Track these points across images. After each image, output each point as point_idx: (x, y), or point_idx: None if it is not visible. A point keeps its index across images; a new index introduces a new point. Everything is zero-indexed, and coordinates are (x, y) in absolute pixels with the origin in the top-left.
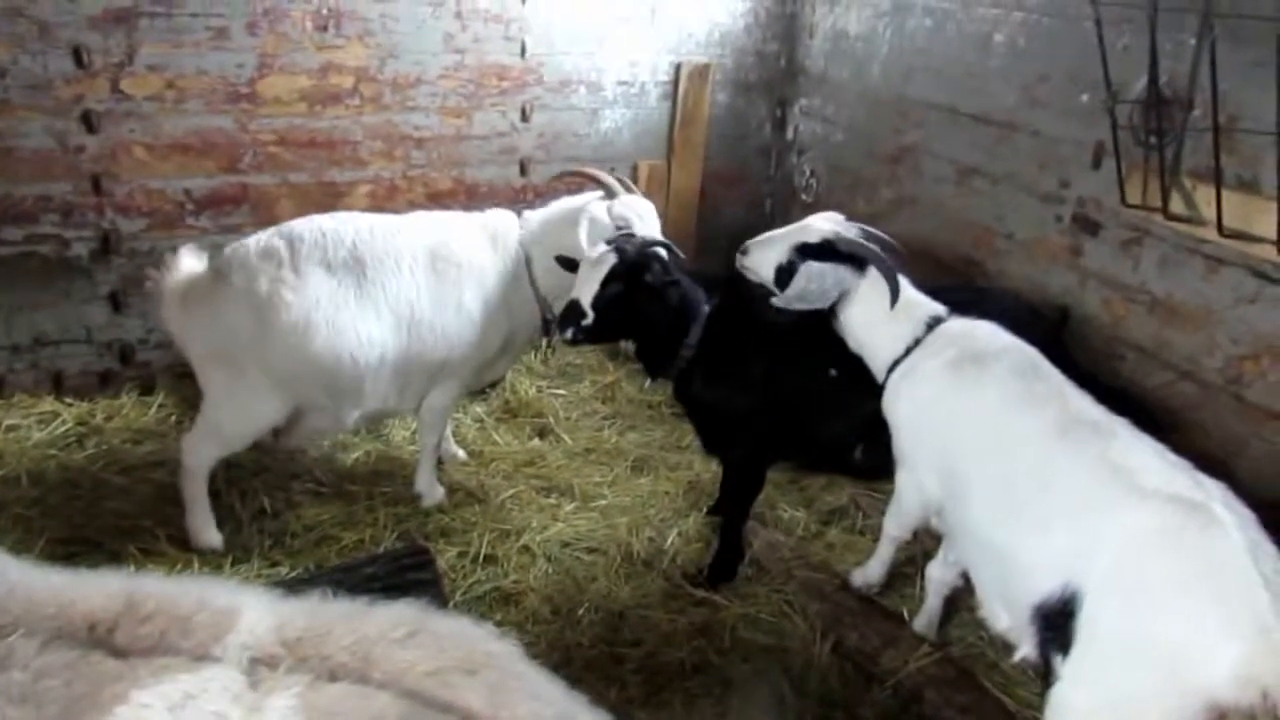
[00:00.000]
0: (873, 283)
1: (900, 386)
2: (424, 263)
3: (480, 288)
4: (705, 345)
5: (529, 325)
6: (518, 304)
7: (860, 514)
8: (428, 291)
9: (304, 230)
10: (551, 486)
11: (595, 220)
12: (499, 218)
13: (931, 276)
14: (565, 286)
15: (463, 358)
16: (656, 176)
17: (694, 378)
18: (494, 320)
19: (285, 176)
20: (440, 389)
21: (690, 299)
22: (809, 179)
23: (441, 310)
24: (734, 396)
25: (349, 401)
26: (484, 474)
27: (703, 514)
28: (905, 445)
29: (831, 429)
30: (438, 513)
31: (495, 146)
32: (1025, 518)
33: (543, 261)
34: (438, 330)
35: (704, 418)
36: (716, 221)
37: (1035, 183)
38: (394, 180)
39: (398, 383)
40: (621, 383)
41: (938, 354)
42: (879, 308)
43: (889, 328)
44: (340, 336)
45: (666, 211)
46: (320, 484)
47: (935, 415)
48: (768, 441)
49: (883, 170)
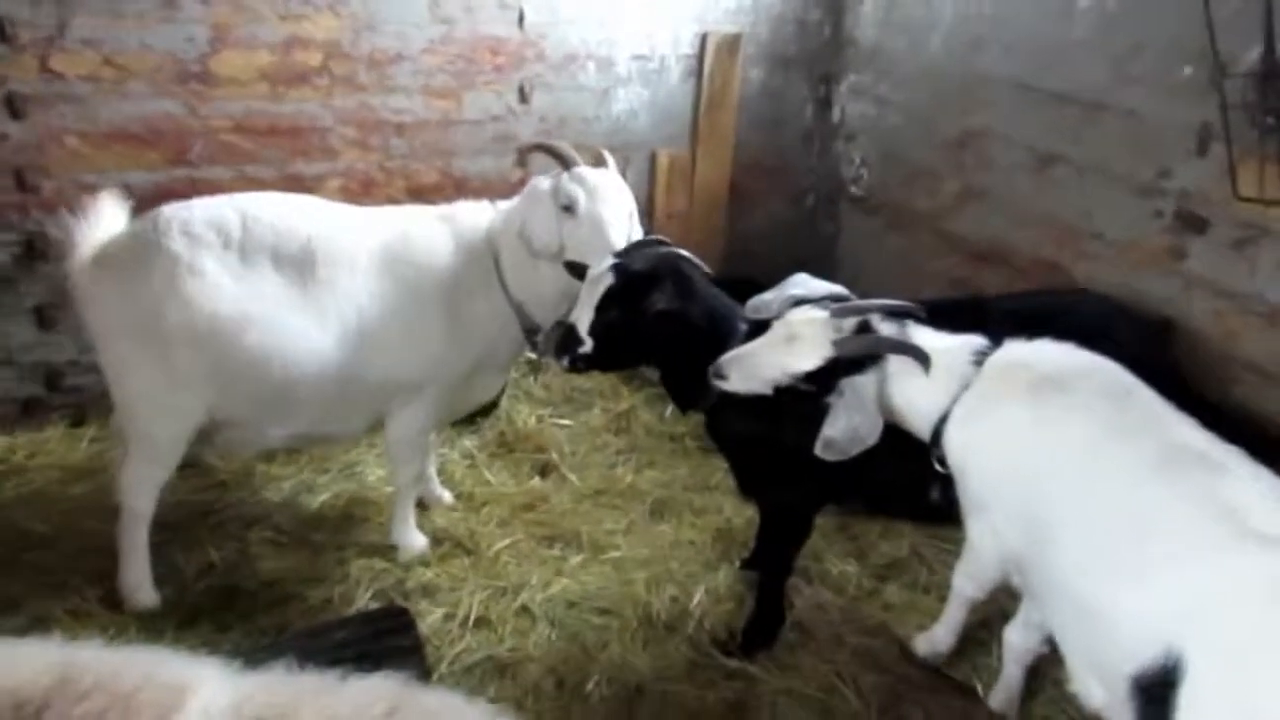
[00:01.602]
0: (896, 362)
1: (962, 433)
2: (376, 263)
3: (442, 293)
4: None
5: (508, 339)
6: (489, 312)
7: (924, 568)
8: (379, 297)
9: (262, 211)
10: (555, 535)
11: (535, 195)
12: (466, 210)
13: (1006, 284)
14: (551, 289)
15: (423, 377)
16: (679, 168)
17: (728, 407)
18: (461, 333)
19: (242, 169)
20: (403, 416)
21: (720, 316)
22: (858, 169)
23: (394, 319)
24: (777, 429)
25: (274, 415)
26: (474, 520)
27: (736, 568)
28: (977, 491)
29: (901, 464)
30: (419, 566)
31: (489, 133)
32: (1120, 569)
33: (512, 259)
34: (390, 343)
35: (740, 454)
36: (750, 221)
37: (1130, 172)
38: (370, 173)
39: (339, 402)
40: (638, 410)
41: (1004, 385)
42: (911, 381)
43: (929, 388)
44: (275, 338)
45: (691, 209)
46: (280, 532)
47: (1011, 453)
48: (818, 481)
49: (946, 158)
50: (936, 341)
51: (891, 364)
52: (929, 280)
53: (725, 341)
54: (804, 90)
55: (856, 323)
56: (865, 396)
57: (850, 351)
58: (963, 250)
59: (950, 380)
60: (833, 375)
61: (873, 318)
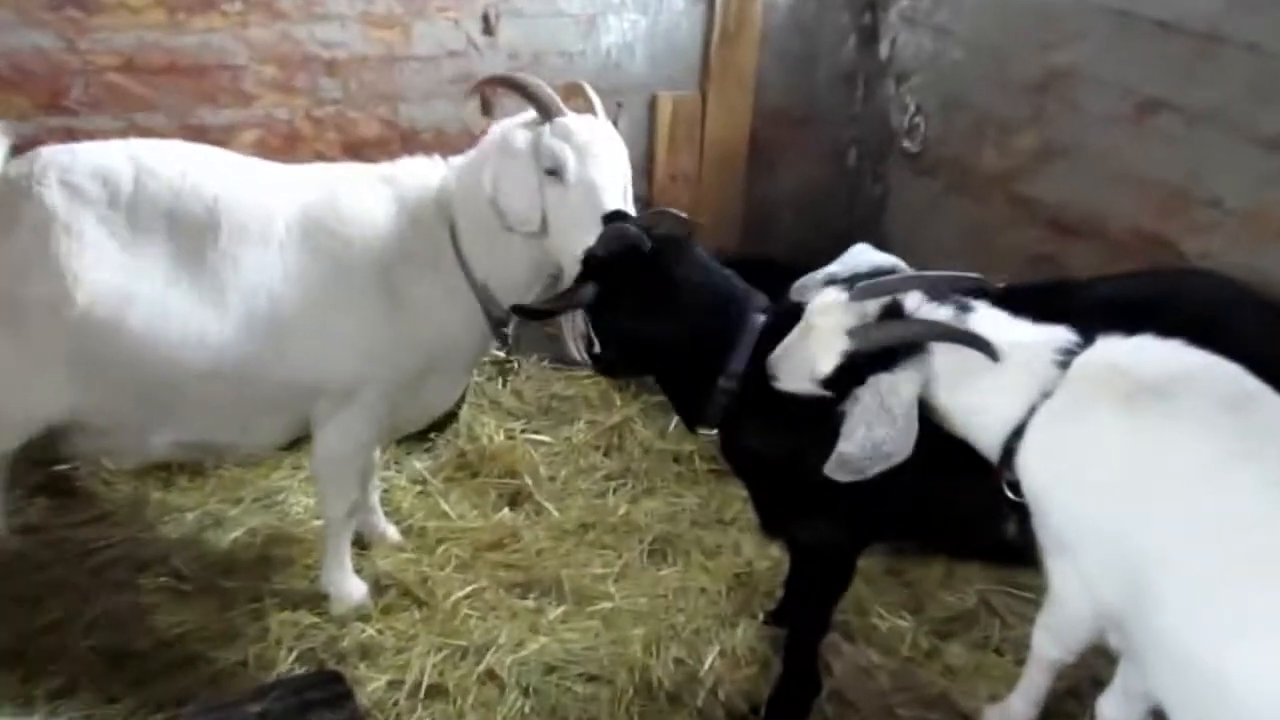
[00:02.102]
0: (949, 352)
1: (1041, 454)
2: (297, 234)
3: (380, 272)
4: (759, 378)
5: (468, 330)
6: (443, 296)
7: (996, 622)
8: (297, 276)
9: (161, 163)
10: (529, 581)
11: (508, 153)
12: (413, 168)
13: (1098, 263)
14: (523, 265)
15: (354, 379)
16: (685, 116)
17: (746, 420)
18: (406, 323)
19: (133, 118)
20: (333, 428)
21: (729, 302)
22: (913, 118)
23: (316, 305)
24: (806, 448)
25: (156, 418)
26: (427, 562)
27: (759, 623)
28: (1060, 526)
29: (968, 492)
30: (357, 621)
31: (445, 73)
32: (1244, 624)
33: (474, 228)
34: (309, 335)
35: (762, 479)
36: (774, 184)
37: (1253, 122)
38: (294, 123)
39: (239, 406)
40: (634, 424)
41: (1094, 392)
42: (972, 383)
43: (997, 393)
44: (162, 322)
45: (700, 170)
46: (181, 577)
47: (1103, 479)
48: (861, 514)
49: (1022, 105)
50: (1009, 332)
51: (941, 359)
52: (1000, 259)
53: (733, 334)
54: (844, 18)
55: (881, 306)
56: (894, 401)
57: (869, 344)
58: (1043, 220)
59: (1026, 384)
60: (855, 376)
61: (907, 298)
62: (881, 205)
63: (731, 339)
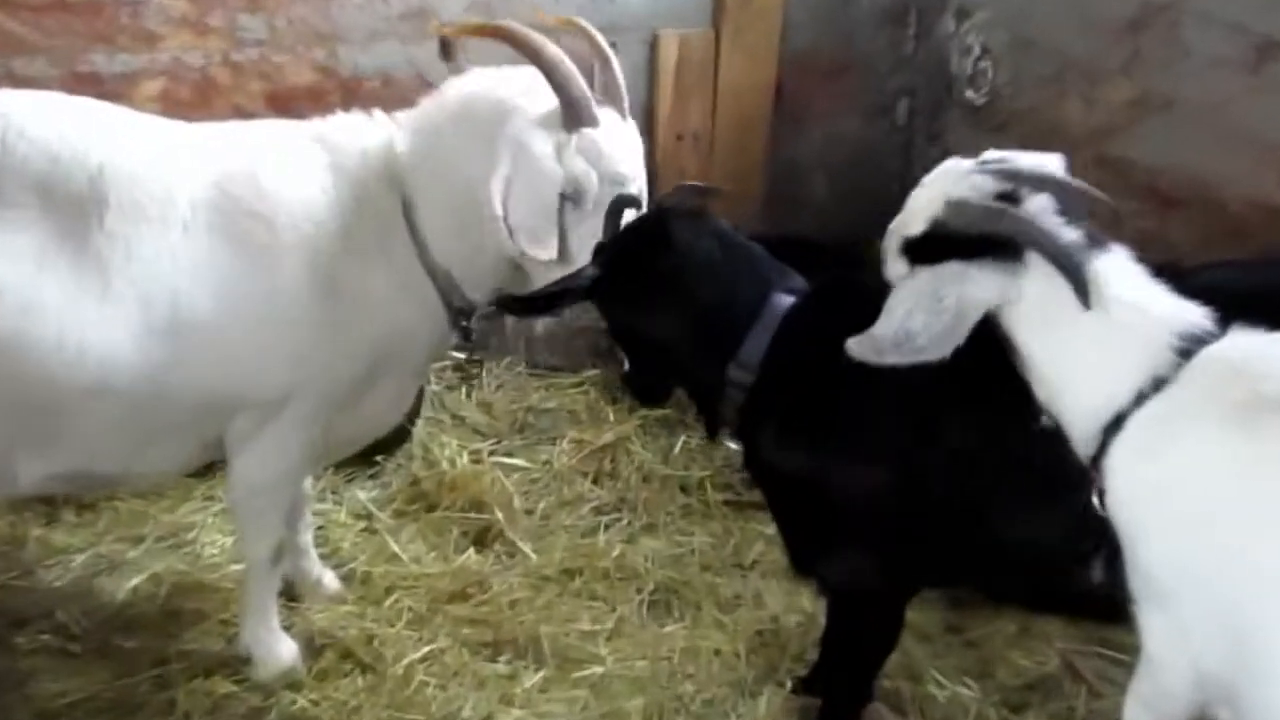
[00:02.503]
0: (1048, 280)
1: (1137, 461)
2: (205, 211)
3: (311, 258)
4: (779, 369)
5: (423, 326)
6: (392, 287)
7: (1082, 689)
8: (206, 264)
9: (35, 121)
10: (500, 640)
11: (531, 166)
12: (354, 126)
13: (1208, 241)
14: (493, 249)
15: (282, 391)
16: (694, 62)
17: (763, 422)
18: (344, 319)
19: (9, 64)
20: (253, 451)
21: (742, 278)
22: (977, 63)
23: (230, 299)
24: (842, 463)
25: (28, 442)
26: (374, 617)
27: (786, 692)
28: (1155, 566)
29: (1041, 526)
30: (286, 690)
31: (395, 7)
32: None
33: (435, 202)
34: (222, 338)
35: (785, 499)
36: (805, 144)
37: None
38: (208, 69)
39: (134, 429)
40: (630, 444)
41: (1208, 401)
42: (1067, 335)
43: (1098, 359)
44: (31, 325)
45: (714, 128)
46: (67, 635)
47: (1210, 508)
48: (910, 551)
49: (1113, 48)
50: (1135, 290)
51: (1034, 283)
52: None
53: (738, 319)
54: None
55: (997, 190)
56: (951, 294)
57: (958, 220)
58: (1139, 188)
59: (1136, 362)
60: (934, 254)
61: (1034, 193)
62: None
63: (742, 320)
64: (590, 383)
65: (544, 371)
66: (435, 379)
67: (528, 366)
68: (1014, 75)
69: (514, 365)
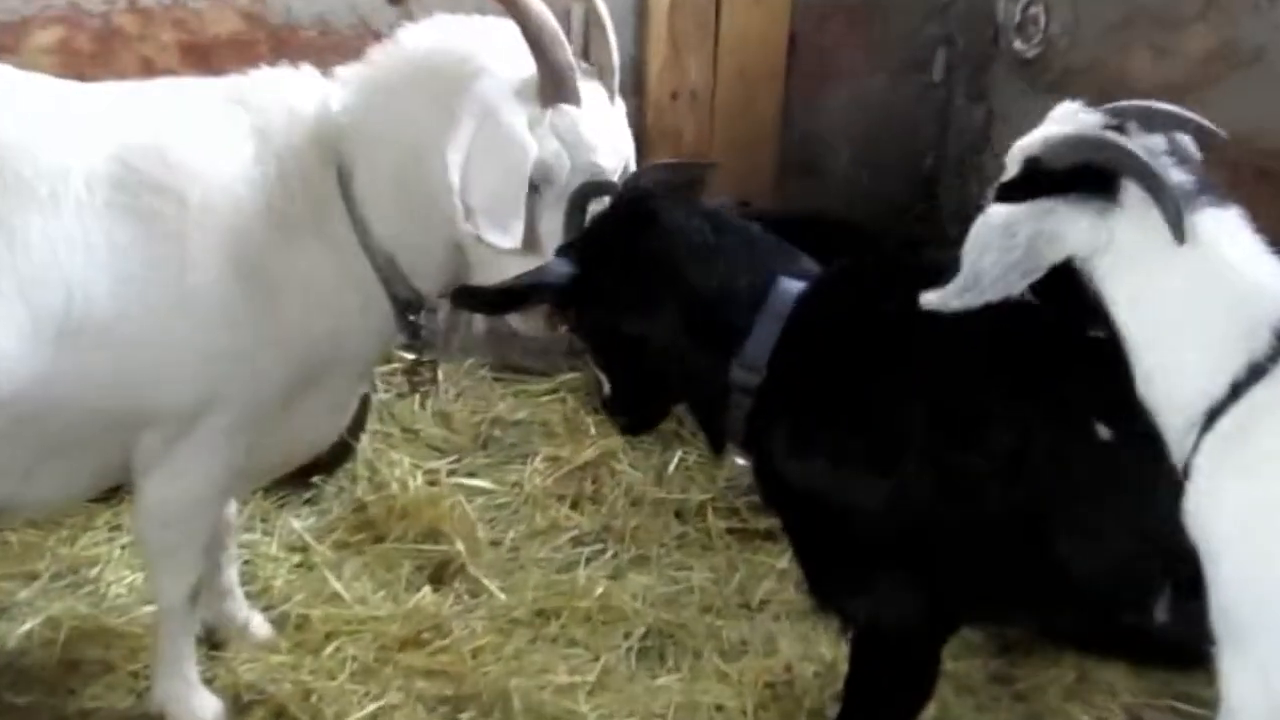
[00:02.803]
0: (1143, 224)
1: (1222, 468)
2: (104, 188)
3: (230, 243)
4: (792, 366)
5: (364, 321)
6: (326, 273)
7: None
8: (106, 254)
9: None
10: (461, 695)
11: (500, 138)
12: (280, 84)
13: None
14: (443, 231)
15: (199, 401)
16: (691, 4)
17: (775, 431)
18: (270, 315)
19: None
20: (166, 472)
21: (742, 266)
22: (1027, 8)
23: (137, 297)
24: (869, 474)
25: None
26: (311, 667)
27: None
28: (1240, 602)
29: (1099, 556)
30: None
31: None
32: None
33: (380, 175)
34: (127, 340)
35: (805, 524)
36: (825, 105)
37: None
38: (110, 16)
39: (21, 447)
40: (616, 461)
41: None
42: (1170, 285)
43: (1189, 337)
44: None
45: (715, 86)
46: None
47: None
48: (952, 580)
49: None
50: (1246, 256)
51: (1129, 226)
52: None
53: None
54: None
55: (1106, 121)
56: (1027, 231)
57: (1053, 156)
58: (1223, 157)
59: (1235, 343)
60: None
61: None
62: (984, 135)
63: (744, 311)
64: (567, 388)
65: (512, 375)
66: (383, 385)
67: (493, 369)
68: (1071, 22)
69: (476, 368)
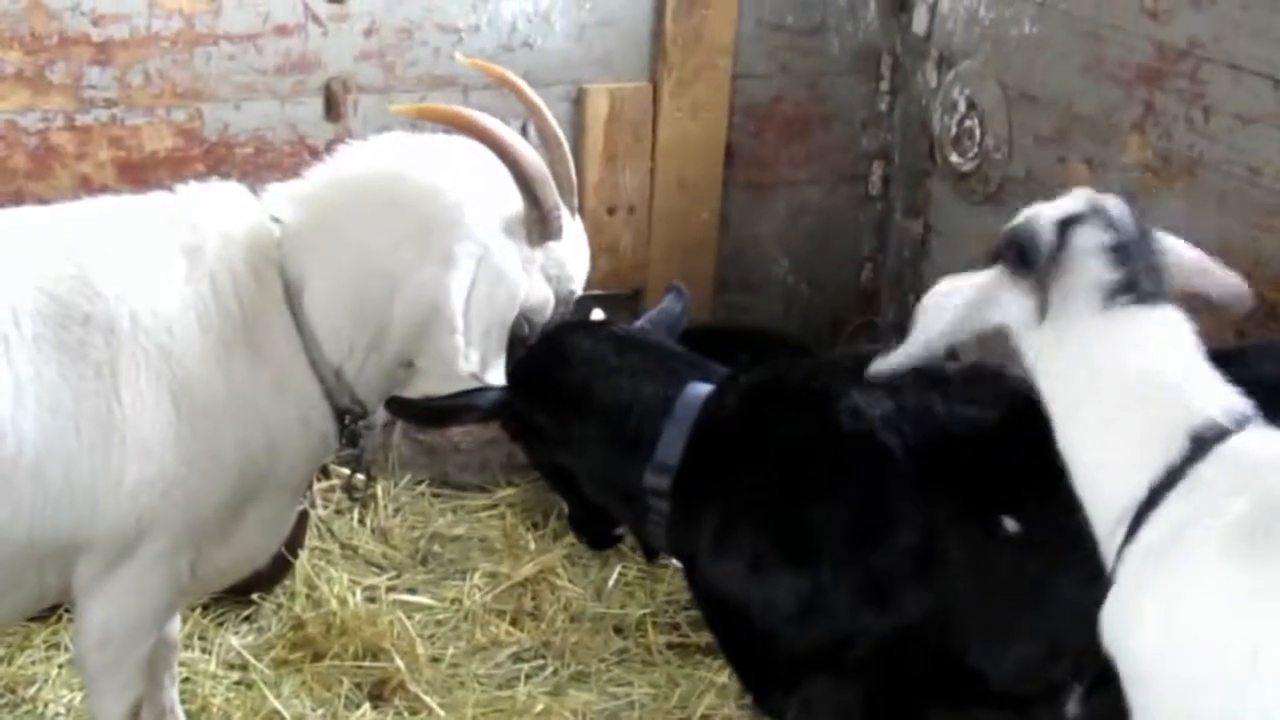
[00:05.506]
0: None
1: (1146, 591)
2: (29, 322)
3: (163, 366)
4: (702, 469)
5: (304, 434)
6: (265, 386)
7: None
8: (33, 390)
9: None
10: None
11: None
12: (213, 199)
13: (1237, 325)
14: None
15: (135, 528)
16: (628, 118)
17: (695, 542)
18: (206, 435)
19: None
20: (106, 596)
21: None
22: (962, 119)
23: (69, 429)
24: (790, 577)
25: None
26: None
27: None
28: (1149, 709)
29: (1013, 652)
30: None
31: (271, 58)
32: None
33: (332, 290)
34: (59, 473)
35: (732, 632)
36: (762, 218)
37: None
38: (48, 134)
39: None
40: (555, 577)
41: (1214, 509)
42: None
43: (1106, 426)
44: None
45: (652, 198)
46: None
47: (1209, 649)
48: (874, 679)
49: (1130, 99)
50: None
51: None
52: None
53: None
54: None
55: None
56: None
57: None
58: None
59: (1152, 446)
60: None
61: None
62: (921, 249)
63: (652, 422)
64: (505, 504)
65: (450, 491)
66: (321, 502)
67: (431, 485)
68: (1005, 135)
69: (415, 483)
